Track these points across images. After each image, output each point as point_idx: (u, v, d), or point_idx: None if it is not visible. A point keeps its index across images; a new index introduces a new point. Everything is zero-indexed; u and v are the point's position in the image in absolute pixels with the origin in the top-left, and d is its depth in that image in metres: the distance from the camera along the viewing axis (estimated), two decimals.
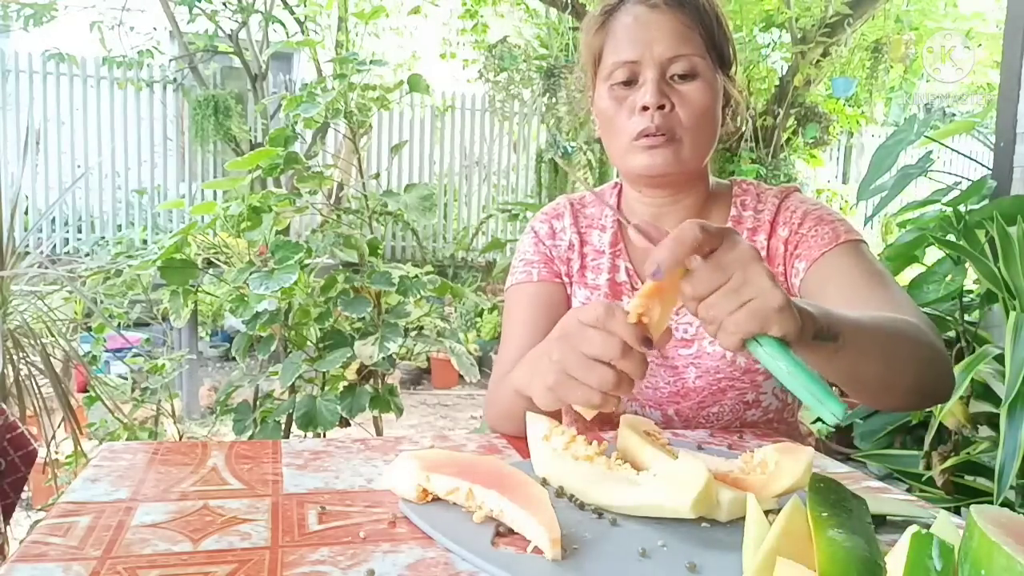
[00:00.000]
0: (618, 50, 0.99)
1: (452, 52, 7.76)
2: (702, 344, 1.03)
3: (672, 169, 0.98)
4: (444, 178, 6.92)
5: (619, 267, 1.09)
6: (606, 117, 1.02)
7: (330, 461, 0.82)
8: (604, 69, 1.01)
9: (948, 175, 2.66)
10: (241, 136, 5.90)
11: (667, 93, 0.97)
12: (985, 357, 1.81)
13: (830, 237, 0.99)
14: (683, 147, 0.98)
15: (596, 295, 1.07)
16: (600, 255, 1.10)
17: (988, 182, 2.35)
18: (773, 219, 1.05)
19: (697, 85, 0.97)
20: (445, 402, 4.75)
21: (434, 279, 1.97)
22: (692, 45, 0.97)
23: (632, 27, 0.98)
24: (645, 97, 0.96)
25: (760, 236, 1.05)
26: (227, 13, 5.40)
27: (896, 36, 5.66)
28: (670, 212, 1.06)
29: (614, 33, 1.01)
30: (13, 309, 2.04)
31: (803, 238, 1.01)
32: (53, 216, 5.96)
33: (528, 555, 0.60)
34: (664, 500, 0.64)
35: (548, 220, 1.14)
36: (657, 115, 0.96)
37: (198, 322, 4.27)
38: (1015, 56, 2.46)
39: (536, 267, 1.11)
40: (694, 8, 0.99)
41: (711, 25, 1.00)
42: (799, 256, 1.01)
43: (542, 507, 0.61)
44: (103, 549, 0.59)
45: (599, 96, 1.03)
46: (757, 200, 1.08)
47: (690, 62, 0.97)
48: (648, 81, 0.96)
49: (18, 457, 1.15)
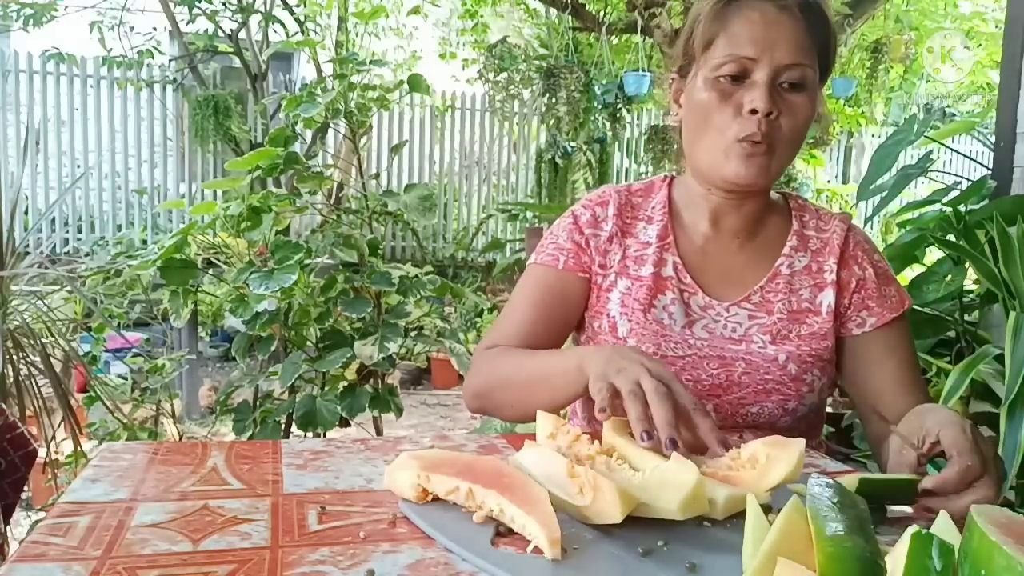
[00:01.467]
0: (735, 43, 0.95)
1: (452, 52, 7.77)
2: (750, 346, 1.02)
3: (760, 181, 0.97)
4: (444, 178, 6.92)
5: (666, 261, 1.06)
6: (703, 109, 0.97)
7: (330, 461, 0.82)
8: (712, 59, 0.96)
9: (948, 175, 2.66)
10: (241, 136, 5.90)
11: (776, 100, 0.94)
12: (985, 357, 1.80)
13: (896, 302, 1.05)
14: (774, 160, 0.96)
15: (639, 287, 1.05)
16: (645, 247, 1.07)
17: (988, 182, 2.35)
18: (843, 248, 1.06)
19: (804, 97, 0.96)
20: (445, 402, 4.75)
21: (434, 279, 1.97)
22: (809, 56, 0.95)
23: (758, 23, 0.94)
24: (756, 101, 0.93)
25: (830, 259, 1.05)
26: (227, 13, 5.40)
27: (896, 36, 5.65)
28: (732, 213, 1.05)
29: (734, 24, 0.96)
30: (13, 309, 2.04)
31: (875, 293, 1.05)
32: (53, 216, 5.96)
33: (528, 555, 0.60)
34: (653, 501, 0.64)
35: (592, 207, 1.11)
36: (764, 122, 0.93)
37: (198, 322, 4.27)
38: (1015, 56, 2.46)
39: (565, 255, 1.08)
40: (821, 18, 0.97)
41: (828, 39, 0.98)
42: (869, 309, 1.04)
43: (542, 507, 0.61)
44: (103, 549, 0.59)
45: (697, 85, 0.98)
46: (818, 219, 1.08)
47: (803, 73, 0.95)
48: (760, 84, 0.93)
49: (18, 457, 1.15)
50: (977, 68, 7.32)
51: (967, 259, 2.06)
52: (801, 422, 1.05)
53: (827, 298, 1.04)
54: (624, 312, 1.04)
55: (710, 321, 1.04)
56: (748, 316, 1.03)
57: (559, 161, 6.17)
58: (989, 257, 2.01)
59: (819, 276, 1.05)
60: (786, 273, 1.05)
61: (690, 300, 1.04)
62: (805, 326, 1.03)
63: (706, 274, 1.06)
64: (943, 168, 7.00)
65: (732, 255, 1.06)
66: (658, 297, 1.04)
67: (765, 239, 1.07)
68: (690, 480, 0.63)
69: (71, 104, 6.04)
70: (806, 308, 1.04)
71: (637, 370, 0.77)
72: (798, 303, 1.04)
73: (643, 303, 1.04)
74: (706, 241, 1.07)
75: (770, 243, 1.07)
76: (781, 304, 1.03)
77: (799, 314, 1.03)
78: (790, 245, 1.06)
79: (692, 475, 0.64)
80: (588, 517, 0.64)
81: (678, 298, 1.04)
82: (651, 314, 1.03)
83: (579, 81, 5.22)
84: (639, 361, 0.78)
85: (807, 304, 1.04)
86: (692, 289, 1.05)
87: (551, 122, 5.36)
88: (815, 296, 1.04)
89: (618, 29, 5.69)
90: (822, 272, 1.05)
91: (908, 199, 3.49)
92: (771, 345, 1.02)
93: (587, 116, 5.43)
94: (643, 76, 5.24)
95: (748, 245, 1.07)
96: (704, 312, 1.04)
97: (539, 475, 0.68)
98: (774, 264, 1.05)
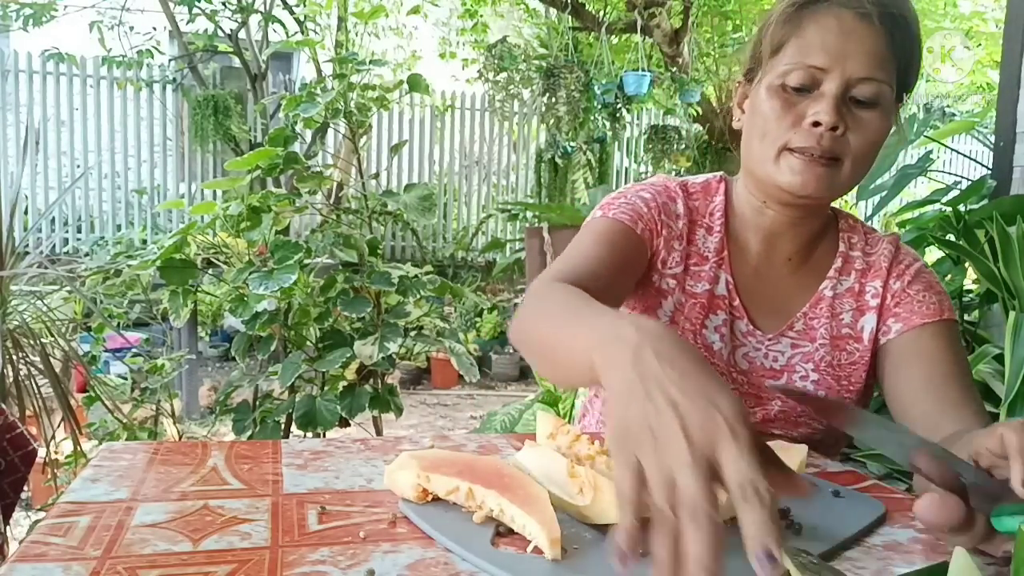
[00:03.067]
0: (806, 51, 0.87)
1: (452, 52, 7.77)
2: (791, 378, 0.98)
3: (820, 193, 0.89)
4: (444, 178, 6.92)
5: (719, 279, 0.99)
6: (763, 117, 0.90)
7: (330, 461, 0.82)
8: (780, 65, 0.89)
9: (948, 175, 2.67)
10: (241, 136, 5.90)
11: (843, 114, 0.87)
12: (985, 357, 1.81)
13: (935, 309, 0.96)
14: (840, 173, 0.89)
15: (692, 304, 0.98)
16: (703, 261, 1.00)
17: (988, 182, 2.35)
18: (890, 266, 1.00)
19: (877, 115, 0.88)
20: (445, 402, 4.74)
21: (434, 279, 1.97)
22: (886, 71, 0.87)
23: (833, 31, 0.87)
24: (821, 113, 0.86)
25: (876, 282, 0.99)
26: (227, 13, 5.40)
27: None
28: (786, 234, 0.98)
29: (807, 30, 0.88)
30: (13, 309, 2.04)
31: (908, 299, 0.98)
32: (53, 216, 5.96)
33: (528, 555, 0.60)
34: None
35: (664, 197, 1.01)
36: (827, 136, 0.86)
37: (198, 322, 4.27)
38: (1015, 56, 2.46)
39: (644, 223, 0.97)
40: (905, 31, 0.88)
41: (911, 54, 0.90)
42: (897, 315, 0.98)
43: (542, 507, 0.61)
44: (103, 549, 0.59)
45: (761, 92, 0.91)
46: (865, 242, 1.03)
47: (878, 89, 0.87)
48: (828, 96, 0.86)
49: (17, 457, 1.15)
50: (977, 68, 7.32)
51: (967, 259, 2.06)
52: (823, 442, 1.02)
53: (868, 323, 0.99)
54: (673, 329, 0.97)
55: (751, 350, 0.99)
56: (791, 345, 0.99)
57: (559, 161, 6.17)
58: (989, 257, 2.01)
59: (861, 299, 1.00)
60: (828, 296, 1.00)
61: (734, 324, 0.99)
62: (846, 354, 0.99)
63: (754, 299, 1.00)
64: (943, 168, 6.99)
65: (781, 280, 1.01)
66: (710, 317, 0.98)
67: (814, 263, 1.01)
68: None
69: (71, 104, 6.04)
70: (847, 334, 0.99)
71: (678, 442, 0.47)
72: (838, 328, 0.99)
73: (694, 323, 0.98)
74: (759, 262, 1.00)
75: (817, 268, 1.01)
76: (823, 330, 0.99)
77: (840, 340, 0.99)
78: (835, 268, 1.01)
79: None
80: (588, 517, 0.64)
81: (728, 320, 0.99)
82: (701, 336, 0.98)
83: (579, 81, 5.22)
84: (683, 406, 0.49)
85: (848, 330, 0.99)
86: (739, 313, 0.99)
87: (551, 122, 5.36)
88: (856, 320, 0.99)
89: (618, 29, 5.70)
90: (864, 295, 1.00)
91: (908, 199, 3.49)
92: (812, 377, 0.98)
93: (587, 116, 5.43)
94: (643, 76, 5.24)
95: (798, 271, 1.01)
96: (744, 340, 0.99)
97: (539, 475, 0.67)
98: (818, 288, 1.00)
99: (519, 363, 5.29)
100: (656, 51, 5.88)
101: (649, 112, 6.88)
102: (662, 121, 6.13)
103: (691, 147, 6.06)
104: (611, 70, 5.57)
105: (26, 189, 5.81)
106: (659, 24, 5.54)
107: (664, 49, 5.68)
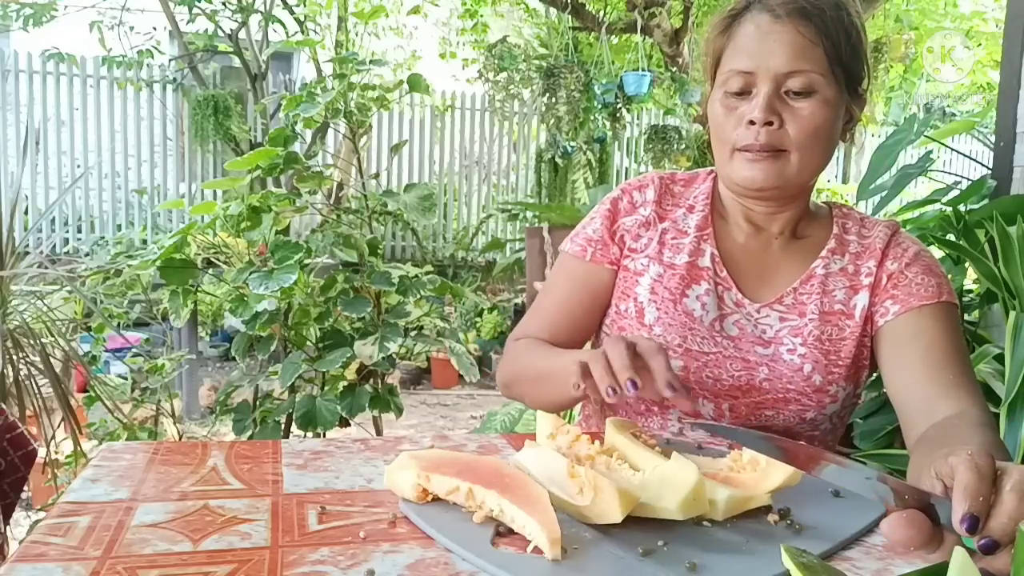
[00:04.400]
0: (736, 58, 0.96)
1: (452, 52, 7.78)
2: (779, 350, 1.01)
3: (773, 183, 0.96)
4: (444, 178, 6.92)
5: (704, 251, 1.05)
6: (715, 123, 1.00)
7: (330, 461, 0.82)
8: (720, 75, 0.99)
9: (948, 175, 2.66)
10: (241, 136, 5.90)
11: (778, 109, 0.94)
12: (985, 357, 1.81)
13: (933, 292, 0.99)
14: (789, 163, 0.95)
15: (671, 275, 1.04)
16: (683, 235, 1.06)
17: (988, 182, 2.35)
18: (885, 248, 1.03)
19: (813, 103, 0.94)
20: (445, 402, 4.75)
21: (434, 279, 1.97)
22: (812, 61, 0.93)
23: (753, 36, 0.95)
24: (753, 112, 0.93)
25: (870, 262, 1.03)
26: (227, 13, 5.40)
27: (896, 36, 5.66)
28: (768, 218, 1.04)
29: (735, 40, 0.97)
30: (13, 309, 2.04)
31: (906, 280, 1.00)
32: (53, 216, 5.96)
33: (528, 555, 0.60)
34: (654, 501, 0.64)
35: (630, 191, 1.10)
36: (763, 132, 0.93)
37: (198, 322, 4.27)
38: (1015, 56, 2.46)
39: (594, 247, 1.09)
40: (820, 22, 0.94)
41: (838, 40, 0.95)
42: (894, 297, 1.00)
43: (542, 507, 0.61)
44: (103, 549, 0.59)
45: (712, 101, 1.00)
46: (861, 226, 1.06)
47: (808, 78, 0.93)
48: (760, 95, 0.94)
49: (18, 457, 1.15)
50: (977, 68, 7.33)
51: (967, 259, 2.06)
52: (818, 430, 1.03)
53: (861, 301, 1.01)
54: (653, 300, 1.04)
55: (741, 318, 1.03)
56: (779, 318, 1.02)
57: (559, 161, 6.17)
58: (989, 257, 2.01)
59: (855, 278, 1.03)
60: (820, 274, 1.03)
61: (724, 294, 1.03)
62: (836, 329, 1.01)
63: (743, 270, 1.05)
64: (943, 168, 6.99)
65: (771, 255, 1.05)
66: (692, 287, 1.03)
67: (805, 243, 1.06)
68: (690, 480, 0.63)
69: (71, 104, 6.04)
70: (839, 310, 1.01)
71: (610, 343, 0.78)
72: (831, 304, 1.02)
73: (674, 292, 1.03)
74: (747, 238, 1.06)
75: (809, 247, 1.05)
76: (814, 306, 1.01)
77: (831, 315, 1.01)
78: (828, 248, 1.04)
79: (692, 475, 0.64)
80: (588, 517, 0.64)
81: (712, 290, 1.03)
82: (682, 304, 1.02)
83: (579, 81, 5.22)
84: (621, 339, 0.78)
85: (840, 306, 1.02)
86: (727, 284, 1.04)
87: (551, 122, 5.36)
88: (849, 298, 1.02)
89: (618, 29, 5.70)
90: (859, 275, 1.03)
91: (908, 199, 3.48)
92: (799, 351, 1.00)
93: (587, 116, 5.43)
94: (643, 76, 5.24)
95: (787, 247, 1.05)
96: (736, 308, 1.03)
97: (539, 475, 0.68)
98: (810, 266, 1.04)
99: None
100: (656, 51, 5.88)
101: (649, 112, 6.88)
102: (662, 121, 6.13)
103: (691, 147, 6.06)
104: (611, 70, 5.57)
105: (26, 189, 5.81)
106: (659, 24, 5.54)
107: (664, 49, 5.68)
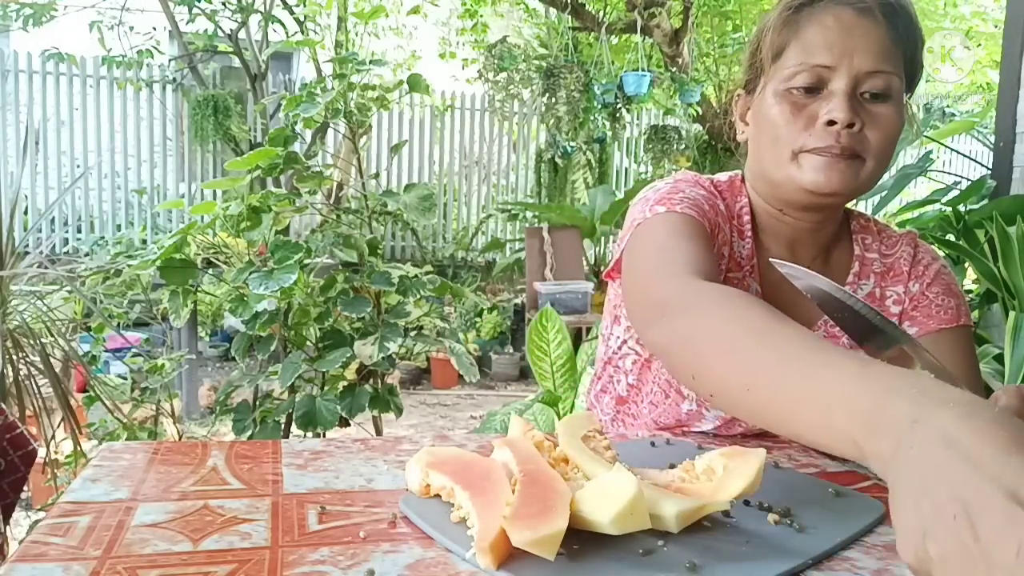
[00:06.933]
0: (810, 51, 0.86)
1: (452, 52, 7.78)
2: None
3: (845, 189, 0.87)
4: (444, 178, 6.92)
5: (750, 288, 0.95)
6: (772, 124, 0.89)
7: (330, 461, 0.82)
8: (783, 70, 0.88)
9: (948, 175, 2.67)
10: (241, 136, 5.90)
11: (857, 111, 0.85)
12: (985, 357, 1.81)
13: (952, 314, 0.96)
14: (864, 170, 0.87)
15: None
16: (738, 268, 0.96)
17: (988, 182, 2.35)
18: (910, 269, 0.99)
19: (890, 108, 0.86)
20: (445, 402, 4.75)
21: (434, 279, 1.97)
22: (894, 63, 0.86)
23: (834, 29, 0.86)
24: (835, 111, 0.84)
25: (898, 287, 0.99)
26: (227, 13, 5.40)
27: None
28: (805, 239, 0.97)
29: (807, 32, 0.87)
30: (13, 309, 2.04)
31: (926, 301, 0.97)
32: (53, 216, 5.96)
33: (528, 555, 0.60)
34: (588, 513, 0.59)
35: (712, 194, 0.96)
36: (845, 134, 0.84)
37: (198, 322, 4.27)
38: (1015, 56, 2.46)
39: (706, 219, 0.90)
40: (906, 22, 0.87)
41: (915, 44, 0.89)
42: (913, 319, 0.97)
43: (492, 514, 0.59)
44: (103, 549, 0.59)
45: (766, 99, 0.90)
46: (880, 242, 1.01)
47: (887, 81, 0.85)
48: (839, 93, 0.85)
49: (17, 457, 1.15)
50: (977, 68, 7.32)
51: (967, 259, 2.06)
52: None
53: None
54: None
55: None
56: None
57: (559, 161, 6.18)
58: (988, 257, 2.01)
59: (883, 304, 0.99)
60: None
61: None
62: None
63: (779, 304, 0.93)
64: (943, 168, 7.00)
65: None
66: None
67: (831, 268, 1.00)
68: (626, 493, 0.58)
69: (71, 104, 6.04)
70: None
71: (964, 534, 0.39)
72: None
73: None
74: None
75: (834, 272, 0.99)
76: (845, 339, 0.96)
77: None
78: (853, 272, 0.99)
79: (630, 488, 0.58)
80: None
81: None
82: None
83: (579, 81, 5.23)
84: (971, 501, 0.39)
85: None
86: None
87: (551, 122, 5.36)
88: None
89: (618, 29, 5.70)
90: (885, 300, 0.99)
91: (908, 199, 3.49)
92: None
93: (587, 116, 5.43)
94: (643, 76, 5.24)
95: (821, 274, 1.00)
96: None
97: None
98: None
99: (519, 363, 5.29)
100: (656, 51, 5.88)
101: (649, 112, 6.89)
102: (662, 121, 6.13)
103: (691, 147, 6.07)
104: (611, 70, 5.57)
105: (26, 189, 5.81)
106: (659, 24, 5.54)
107: (664, 49, 5.68)
